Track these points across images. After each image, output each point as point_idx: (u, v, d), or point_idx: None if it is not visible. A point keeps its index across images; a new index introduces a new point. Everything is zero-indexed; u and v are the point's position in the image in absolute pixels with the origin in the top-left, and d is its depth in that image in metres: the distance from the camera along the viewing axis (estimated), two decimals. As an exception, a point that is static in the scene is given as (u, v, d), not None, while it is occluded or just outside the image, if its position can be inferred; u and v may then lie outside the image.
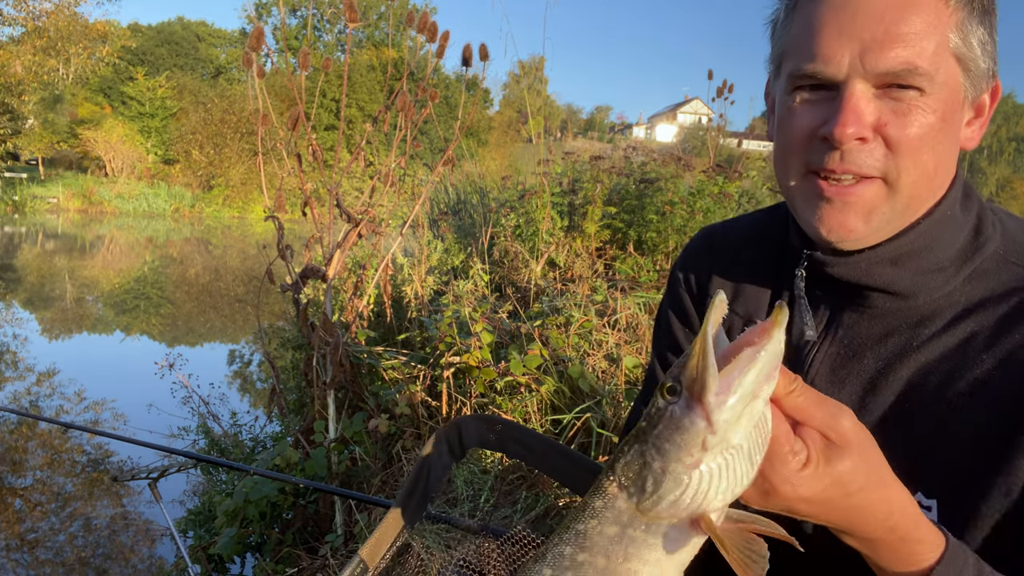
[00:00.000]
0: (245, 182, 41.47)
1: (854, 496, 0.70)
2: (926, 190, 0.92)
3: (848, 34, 0.86)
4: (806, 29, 0.90)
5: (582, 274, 5.11)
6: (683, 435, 0.65)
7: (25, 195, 37.13)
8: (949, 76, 0.88)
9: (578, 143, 16.55)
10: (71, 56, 39.43)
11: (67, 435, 6.02)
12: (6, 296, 13.31)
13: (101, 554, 4.21)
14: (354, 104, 49.97)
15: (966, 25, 0.88)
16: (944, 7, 0.86)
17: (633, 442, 0.70)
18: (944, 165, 0.92)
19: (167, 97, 53.22)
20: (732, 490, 0.67)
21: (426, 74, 3.86)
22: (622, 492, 0.70)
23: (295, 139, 3.62)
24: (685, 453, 0.65)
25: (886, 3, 0.85)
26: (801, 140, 0.93)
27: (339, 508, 3.51)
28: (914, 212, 0.94)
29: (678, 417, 0.65)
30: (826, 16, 0.88)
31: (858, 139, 0.87)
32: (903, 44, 0.84)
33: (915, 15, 0.84)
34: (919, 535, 0.75)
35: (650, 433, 0.68)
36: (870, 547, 0.76)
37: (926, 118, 0.86)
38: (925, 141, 0.87)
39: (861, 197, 0.90)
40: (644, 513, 0.69)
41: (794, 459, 0.68)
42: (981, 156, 72.32)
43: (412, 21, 3.64)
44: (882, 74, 0.85)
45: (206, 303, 13.72)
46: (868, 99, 0.87)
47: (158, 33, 70.43)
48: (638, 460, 0.68)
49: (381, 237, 4.56)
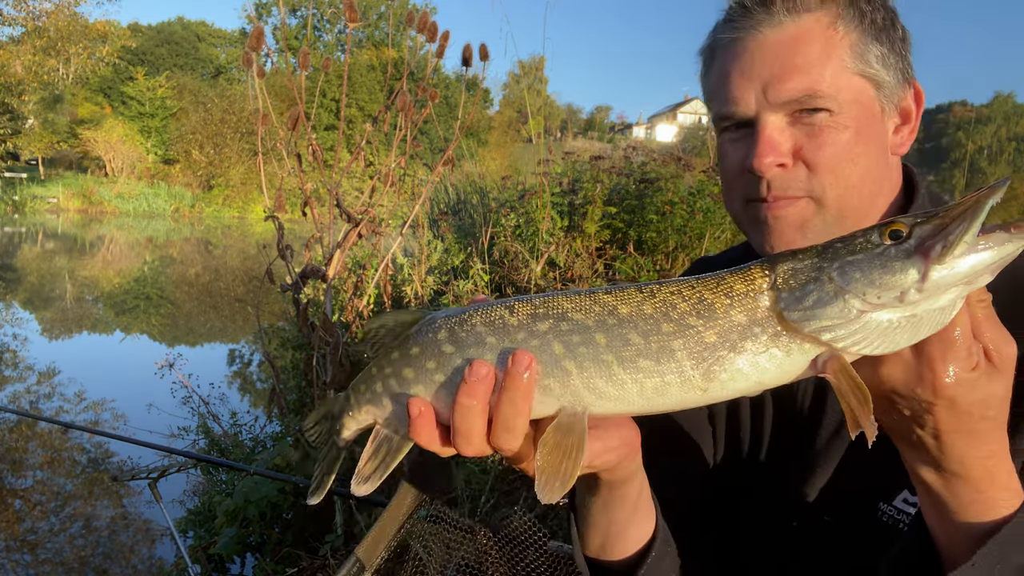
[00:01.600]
0: (245, 182, 41.47)
1: (987, 421, 0.70)
2: (856, 200, 0.99)
3: (749, 76, 0.97)
4: (718, 78, 1.03)
5: (582, 274, 5.10)
6: (887, 275, 0.64)
7: (25, 195, 37.13)
8: (857, 93, 0.96)
9: (578, 143, 16.56)
10: (71, 56, 39.43)
11: (67, 435, 6.02)
12: (6, 296, 13.32)
13: (101, 554, 4.21)
14: (354, 104, 49.98)
15: (859, 46, 0.96)
16: (834, 34, 0.95)
17: (815, 255, 0.69)
18: (872, 173, 0.99)
19: (167, 97, 53.21)
20: (881, 348, 0.66)
21: (426, 74, 3.86)
22: (772, 291, 0.69)
23: (295, 139, 3.62)
24: (875, 292, 0.64)
25: (778, 42, 0.96)
26: (735, 175, 1.03)
27: (339, 508, 3.51)
28: (855, 222, 0.98)
29: (892, 257, 0.64)
30: (730, 64, 0.99)
31: (779, 166, 0.96)
32: (800, 74, 0.94)
33: (806, 46, 0.94)
34: (1007, 482, 0.75)
35: (841, 255, 0.67)
36: (956, 483, 0.74)
37: (839, 135, 0.95)
38: (842, 156, 0.95)
39: (792, 216, 0.99)
40: (784, 321, 0.67)
41: (968, 358, 0.67)
42: (981, 156, 72.32)
43: (412, 21, 3.64)
44: (787, 103, 0.95)
45: (206, 303, 13.73)
46: (781, 129, 0.96)
47: (158, 33, 70.41)
48: (811, 272, 0.67)
49: (381, 237, 4.56)
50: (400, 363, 0.82)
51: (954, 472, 0.74)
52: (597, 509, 0.98)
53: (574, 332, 0.73)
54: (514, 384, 0.73)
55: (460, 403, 0.75)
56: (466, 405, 0.74)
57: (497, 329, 0.77)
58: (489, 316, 0.77)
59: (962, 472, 0.73)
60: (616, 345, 0.72)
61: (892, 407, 0.72)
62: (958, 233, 0.61)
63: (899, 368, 0.69)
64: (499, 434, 0.75)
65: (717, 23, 1.06)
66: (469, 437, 0.76)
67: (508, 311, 0.77)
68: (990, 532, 0.73)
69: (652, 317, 0.72)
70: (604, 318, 0.73)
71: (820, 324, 0.66)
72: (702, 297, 0.71)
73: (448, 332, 0.79)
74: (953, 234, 0.61)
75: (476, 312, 0.78)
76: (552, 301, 0.76)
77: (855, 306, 0.65)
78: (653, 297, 0.73)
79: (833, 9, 0.97)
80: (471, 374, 0.74)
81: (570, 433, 0.75)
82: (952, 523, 0.76)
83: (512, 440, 0.75)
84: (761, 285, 0.69)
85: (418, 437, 0.79)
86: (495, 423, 0.75)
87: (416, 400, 0.79)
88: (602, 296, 0.75)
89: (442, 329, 0.79)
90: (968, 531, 0.75)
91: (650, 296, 0.73)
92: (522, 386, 0.73)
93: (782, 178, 0.97)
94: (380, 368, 0.84)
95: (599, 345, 0.72)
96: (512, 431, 0.75)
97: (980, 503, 0.74)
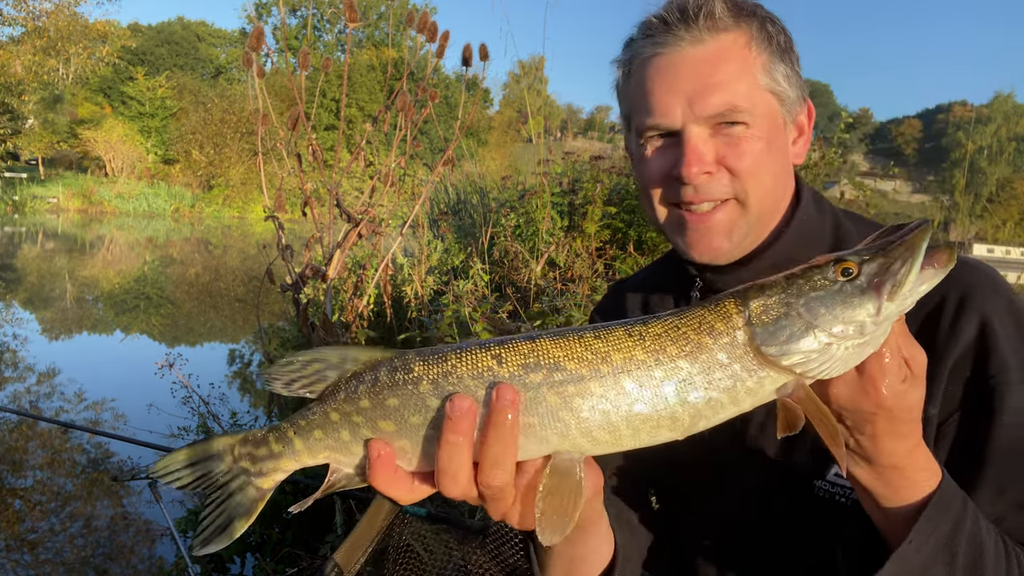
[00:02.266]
0: (245, 182, 41.47)
1: (911, 423, 0.80)
2: (771, 202, 1.11)
3: (674, 90, 1.05)
4: (641, 91, 1.09)
5: (582, 274, 5.10)
6: (848, 311, 0.73)
7: (25, 195, 37.14)
8: (767, 107, 1.07)
9: (578, 143, 16.55)
10: (71, 56, 39.42)
11: (67, 435, 6.02)
12: (6, 296, 13.32)
13: (101, 554, 4.20)
14: (354, 104, 49.98)
15: (770, 65, 1.07)
16: (748, 54, 1.05)
17: (780, 292, 0.76)
18: (780, 180, 1.11)
19: (167, 97, 53.21)
20: (837, 371, 0.75)
21: (426, 74, 3.86)
22: (748, 327, 0.76)
23: (295, 139, 3.62)
24: (840, 326, 0.72)
25: (699, 59, 1.04)
26: (658, 181, 1.12)
27: (339, 508, 3.50)
28: (766, 224, 1.11)
29: (850, 294, 0.73)
30: (654, 78, 1.07)
31: (704, 173, 1.05)
32: (720, 90, 1.03)
33: (725, 65, 1.04)
34: (926, 464, 0.85)
35: (805, 291, 0.75)
36: (888, 474, 0.84)
37: (755, 145, 1.05)
38: (759, 164, 1.06)
39: (719, 221, 1.08)
40: (761, 355, 0.75)
41: (899, 372, 0.77)
42: (981, 156, 72.25)
43: (412, 21, 3.65)
44: (710, 117, 1.04)
45: (206, 303, 13.73)
46: (705, 140, 1.05)
47: (158, 33, 70.42)
48: (781, 308, 0.75)
49: (381, 237, 4.56)
50: (374, 413, 0.80)
51: (885, 466, 0.83)
52: (563, 546, 1.02)
53: (569, 383, 0.75)
54: (500, 420, 0.74)
55: (446, 440, 0.76)
56: (452, 442, 0.75)
57: (486, 381, 0.76)
58: (476, 368, 0.77)
59: (891, 464, 0.83)
60: (611, 395, 0.75)
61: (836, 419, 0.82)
62: (904, 272, 0.72)
63: (845, 388, 0.78)
64: (488, 471, 0.77)
65: (634, 36, 1.13)
66: (457, 477, 0.77)
67: (496, 361, 0.76)
68: (919, 509, 0.83)
69: (644, 363, 0.76)
70: (598, 366, 0.76)
71: (795, 358, 0.74)
72: (688, 338, 0.76)
73: (432, 385, 0.78)
74: (899, 273, 0.72)
75: (460, 361, 0.78)
76: (541, 348, 0.77)
77: (823, 339, 0.73)
78: (643, 341, 0.76)
79: (747, 31, 1.06)
80: (453, 409, 0.75)
81: (568, 476, 0.77)
82: (887, 508, 0.86)
83: (502, 475, 0.77)
84: (738, 322, 0.76)
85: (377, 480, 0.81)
86: (484, 459, 0.76)
87: (376, 442, 0.80)
88: (592, 342, 0.77)
89: (424, 380, 0.78)
90: (902, 512, 0.85)
91: (640, 340, 0.77)
92: (508, 421, 0.74)
93: (707, 184, 1.06)
94: (345, 416, 0.82)
95: (595, 395, 0.75)
96: (501, 466, 0.76)
97: (908, 487, 0.84)
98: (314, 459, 0.86)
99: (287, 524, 3.77)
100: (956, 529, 0.84)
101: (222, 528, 0.88)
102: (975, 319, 0.98)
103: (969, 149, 60.45)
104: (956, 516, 0.85)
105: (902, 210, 70.22)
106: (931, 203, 71.68)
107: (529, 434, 0.76)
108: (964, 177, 55.54)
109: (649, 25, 1.09)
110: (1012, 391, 0.95)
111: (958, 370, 0.98)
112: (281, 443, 0.86)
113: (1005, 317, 0.98)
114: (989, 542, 0.87)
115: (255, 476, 0.88)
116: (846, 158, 7.62)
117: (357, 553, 1.59)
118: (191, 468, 0.88)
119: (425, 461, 0.81)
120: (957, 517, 0.85)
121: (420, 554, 2.09)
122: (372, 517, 1.68)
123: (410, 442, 0.80)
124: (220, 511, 0.88)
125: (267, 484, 0.89)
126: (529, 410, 0.76)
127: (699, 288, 1.19)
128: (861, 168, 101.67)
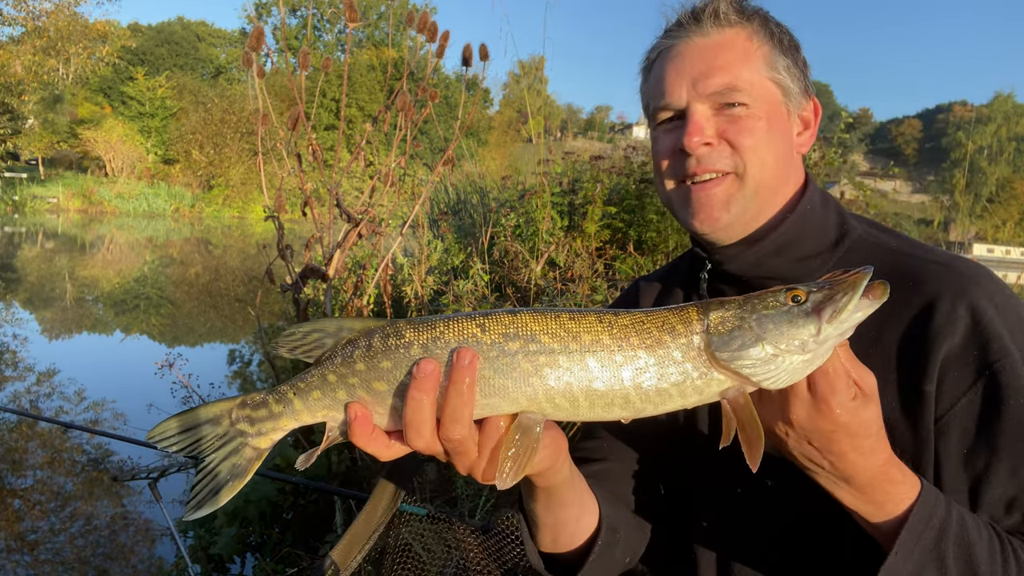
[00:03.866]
0: (245, 182, 41.49)
1: (871, 437, 0.88)
2: (771, 180, 1.18)
3: (681, 73, 1.17)
4: (655, 81, 1.22)
5: (582, 274, 5.10)
6: (793, 328, 0.84)
7: (25, 195, 37.15)
8: (768, 93, 1.17)
9: (578, 143, 16.56)
10: (71, 56, 39.42)
11: (67, 435, 6.01)
12: (6, 296, 13.32)
13: (101, 554, 4.20)
14: (354, 104, 49.99)
15: (771, 57, 1.17)
16: (750, 45, 1.16)
17: (737, 307, 0.87)
18: (782, 162, 1.19)
19: (167, 97, 53.22)
20: (784, 382, 0.85)
21: (426, 74, 3.86)
22: (704, 335, 0.86)
23: (295, 139, 3.62)
24: (784, 340, 0.84)
25: (705, 46, 1.16)
26: (666, 156, 1.22)
27: (339, 508, 3.51)
28: (765, 201, 1.19)
29: (796, 315, 0.84)
30: (667, 66, 1.20)
31: (705, 144, 1.15)
32: (722, 72, 1.14)
33: (728, 52, 1.16)
34: (902, 477, 0.91)
35: (758, 309, 0.86)
36: (864, 492, 0.91)
37: (756, 123, 1.15)
38: (759, 140, 1.15)
39: (717, 194, 1.17)
40: (713, 359, 0.85)
41: (848, 390, 0.85)
42: (981, 156, 72.27)
43: (412, 21, 3.65)
44: (712, 95, 1.14)
45: (206, 303, 13.73)
46: (707, 116, 1.15)
47: (158, 33, 70.42)
48: (736, 321, 0.86)
49: (381, 237, 4.56)
50: (369, 375, 0.89)
51: (863, 483, 0.90)
52: (542, 511, 1.13)
53: (541, 354, 0.86)
54: (459, 376, 0.84)
55: (411, 396, 0.85)
56: (416, 398, 0.84)
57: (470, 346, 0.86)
58: (462, 335, 0.86)
59: (868, 481, 0.90)
60: (576, 369, 0.86)
61: (807, 444, 0.89)
62: (844, 302, 0.83)
63: (802, 408, 0.87)
64: (448, 424, 0.86)
65: (655, 41, 1.26)
66: (420, 430, 0.86)
67: (480, 329, 0.86)
68: (901, 522, 0.89)
69: (609, 347, 0.86)
70: (568, 343, 0.86)
71: (744, 362, 0.84)
72: (651, 333, 0.87)
73: (422, 349, 0.87)
74: (840, 303, 0.83)
75: (448, 328, 0.87)
76: (520, 321, 0.87)
77: (769, 350, 0.84)
78: (611, 328, 0.87)
79: (750, 27, 1.18)
80: (419, 371, 0.84)
81: (529, 433, 0.88)
82: (875, 523, 0.93)
83: (460, 429, 0.85)
84: (697, 328, 0.87)
85: (356, 438, 0.89)
86: (444, 414, 0.86)
87: (354, 405, 0.89)
88: (567, 322, 0.87)
89: (414, 345, 0.87)
90: (889, 526, 0.91)
91: (608, 327, 0.87)
92: (466, 378, 0.84)
93: (708, 155, 1.16)
94: (341, 377, 0.90)
95: (562, 368, 0.86)
96: (460, 421, 0.85)
97: (889, 502, 0.91)
98: (312, 418, 0.92)
99: (287, 524, 3.77)
100: (941, 535, 0.89)
101: (216, 490, 0.94)
102: (968, 310, 1.03)
103: (969, 149, 60.48)
104: (939, 523, 0.89)
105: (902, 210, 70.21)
106: (931, 203, 71.70)
107: (503, 394, 0.86)
108: (964, 177, 55.55)
109: (666, 27, 1.23)
110: (1018, 373, 0.99)
111: (959, 359, 1.02)
112: (281, 404, 0.93)
113: (999, 306, 1.04)
114: (980, 542, 0.91)
115: (253, 437, 0.94)
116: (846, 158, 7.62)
117: (354, 551, 1.59)
118: (188, 433, 0.94)
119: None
120: (940, 524, 0.89)
121: (419, 553, 2.09)
122: (369, 515, 1.68)
123: (401, 400, 0.88)
124: (215, 472, 0.94)
125: (264, 444, 0.95)
126: (504, 373, 0.86)
127: (708, 270, 1.26)
128: (861, 168, 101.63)
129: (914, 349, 1.05)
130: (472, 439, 0.88)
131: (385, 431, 0.91)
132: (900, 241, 1.19)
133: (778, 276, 1.17)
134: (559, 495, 1.09)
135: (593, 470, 1.29)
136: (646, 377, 0.86)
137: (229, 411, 0.94)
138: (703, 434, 1.25)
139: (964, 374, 1.01)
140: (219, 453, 0.94)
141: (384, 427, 0.90)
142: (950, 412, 1.01)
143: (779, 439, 0.92)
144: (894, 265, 1.11)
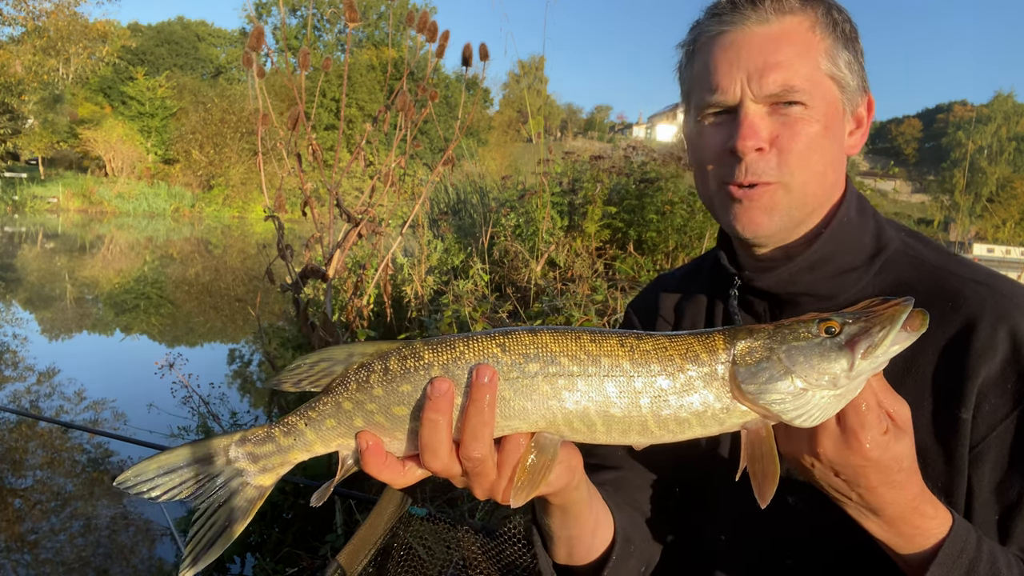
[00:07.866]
0: (245, 182, 41.47)
1: (903, 472, 0.84)
2: (818, 187, 1.10)
3: (736, 67, 1.06)
4: (703, 69, 1.11)
5: (582, 274, 5.10)
6: (824, 363, 0.80)
7: (25, 195, 37.14)
8: (827, 92, 1.07)
9: (578, 143, 16.56)
10: (71, 56, 39.43)
11: (67, 435, 6.01)
12: (6, 296, 13.32)
13: (101, 554, 4.20)
14: (354, 104, 49.98)
15: (833, 51, 1.07)
16: (812, 37, 1.06)
17: (765, 337, 0.83)
18: (832, 167, 1.11)
19: (167, 97, 53.18)
20: (814, 420, 0.81)
21: (426, 74, 3.86)
22: (730, 365, 0.83)
23: (295, 139, 3.62)
24: (815, 375, 0.80)
25: (763, 38, 1.05)
26: (713, 156, 1.12)
27: (339, 508, 3.51)
28: (811, 210, 1.11)
29: (829, 348, 0.80)
30: (718, 55, 1.08)
31: (757, 150, 1.06)
32: (781, 69, 1.04)
33: (788, 46, 1.05)
34: (933, 512, 0.88)
35: (788, 340, 0.82)
36: (893, 525, 0.88)
37: (811, 127, 1.06)
38: (812, 146, 1.06)
39: (761, 199, 1.09)
40: (739, 391, 0.82)
41: (879, 424, 0.82)
42: (981, 156, 72.27)
43: (412, 21, 3.64)
44: (768, 96, 1.05)
45: (206, 303, 13.72)
46: (761, 116, 1.06)
47: (158, 33, 70.41)
48: (763, 352, 0.82)
49: (381, 237, 4.56)
50: (388, 400, 0.85)
51: (893, 517, 0.87)
52: (557, 527, 1.10)
53: (560, 376, 0.84)
54: (480, 394, 0.82)
55: (427, 418, 0.82)
56: (432, 419, 0.82)
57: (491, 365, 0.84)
58: (482, 355, 0.84)
59: (898, 515, 0.87)
60: (594, 394, 0.84)
61: (834, 476, 0.86)
62: (880, 337, 0.79)
63: (830, 441, 0.83)
64: (468, 443, 0.83)
65: (701, 19, 1.14)
66: (437, 451, 0.84)
67: (500, 349, 0.84)
68: (930, 557, 0.87)
69: (628, 373, 0.84)
70: (588, 367, 0.84)
71: (772, 397, 0.81)
72: (673, 360, 0.84)
73: (443, 370, 0.85)
74: (876, 337, 0.79)
75: (468, 348, 0.84)
76: (541, 341, 0.85)
77: (799, 384, 0.80)
78: (632, 353, 0.84)
79: (812, 15, 1.07)
80: (434, 391, 0.82)
81: (546, 453, 0.87)
82: (903, 556, 0.90)
83: (480, 448, 0.83)
84: (723, 358, 0.83)
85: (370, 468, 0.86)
86: (464, 432, 0.83)
87: (363, 434, 0.86)
88: (588, 344, 0.85)
89: (435, 366, 0.84)
90: (918, 559, 0.89)
91: (630, 352, 0.84)
92: (487, 396, 0.82)
93: (757, 162, 1.07)
94: (358, 404, 0.86)
95: (580, 391, 0.84)
96: (480, 439, 0.83)
97: (919, 536, 0.88)
98: (326, 448, 0.89)
99: (287, 524, 3.77)
100: (969, 572, 0.87)
101: (214, 540, 0.86)
102: (1009, 335, 0.99)
103: (969, 149, 60.46)
104: (969, 560, 0.87)
105: (902, 210, 70.12)
106: (931, 203, 71.67)
107: (522, 416, 0.84)
108: (964, 177, 55.57)
109: (717, 5, 1.11)
110: None
111: (997, 385, 0.98)
112: (292, 436, 0.88)
113: None
114: None
115: (255, 475, 0.89)
116: (846, 158, 7.62)
117: (360, 555, 1.59)
118: (169, 476, 0.86)
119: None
120: (970, 561, 0.87)
121: (421, 555, 2.09)
122: (375, 519, 1.68)
123: (418, 423, 0.85)
124: (212, 520, 0.87)
125: (269, 480, 0.90)
126: (524, 394, 0.84)
127: (737, 287, 1.20)
128: (861, 168, 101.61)
129: (951, 374, 1.00)
130: (492, 459, 0.86)
131: (402, 456, 0.88)
132: (939, 255, 1.13)
133: (812, 292, 1.12)
134: (575, 511, 1.07)
135: (608, 477, 1.27)
136: (666, 405, 0.83)
137: (225, 448, 0.87)
138: (723, 452, 1.22)
139: (1002, 402, 0.97)
140: (215, 497, 0.87)
141: (402, 452, 0.88)
142: (985, 440, 0.98)
143: (805, 470, 0.88)
144: (932, 282, 1.07)
